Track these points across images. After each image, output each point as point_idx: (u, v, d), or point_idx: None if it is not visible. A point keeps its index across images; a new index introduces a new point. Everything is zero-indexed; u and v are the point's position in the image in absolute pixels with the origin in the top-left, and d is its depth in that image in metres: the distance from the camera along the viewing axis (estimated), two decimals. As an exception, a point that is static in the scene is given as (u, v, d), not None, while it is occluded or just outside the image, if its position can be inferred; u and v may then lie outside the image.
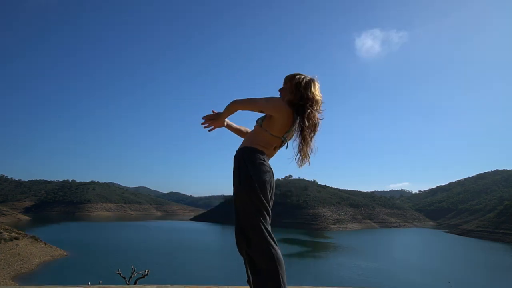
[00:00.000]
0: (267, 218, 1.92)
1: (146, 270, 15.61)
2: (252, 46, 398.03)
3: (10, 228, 49.18)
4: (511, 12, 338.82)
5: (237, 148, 2.08)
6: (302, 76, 1.98)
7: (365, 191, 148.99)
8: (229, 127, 2.28)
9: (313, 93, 1.94)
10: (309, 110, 1.92)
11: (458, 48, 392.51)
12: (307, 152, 1.99)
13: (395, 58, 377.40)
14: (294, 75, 2.00)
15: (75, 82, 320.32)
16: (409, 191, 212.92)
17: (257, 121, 2.03)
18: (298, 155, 2.00)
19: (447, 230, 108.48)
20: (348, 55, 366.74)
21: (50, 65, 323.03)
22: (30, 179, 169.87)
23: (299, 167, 2.05)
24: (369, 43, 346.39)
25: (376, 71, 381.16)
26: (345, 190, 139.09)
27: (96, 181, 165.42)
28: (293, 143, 2.03)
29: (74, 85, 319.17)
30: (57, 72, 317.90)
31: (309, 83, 1.95)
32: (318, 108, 1.97)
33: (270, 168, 1.98)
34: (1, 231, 43.77)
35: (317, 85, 1.98)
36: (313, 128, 1.95)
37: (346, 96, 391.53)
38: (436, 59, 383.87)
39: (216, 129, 2.22)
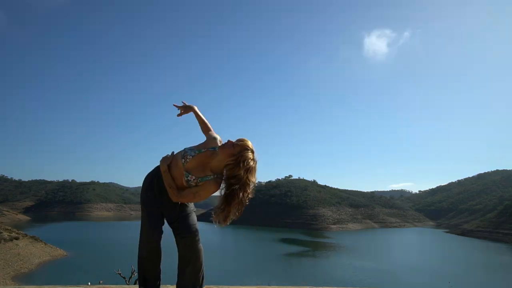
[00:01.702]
0: None
1: (146, 270, 15.55)
2: (258, 45, 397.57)
3: (10, 228, 49.18)
4: None
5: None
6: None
7: (365, 191, 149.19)
8: (197, 115, 2.49)
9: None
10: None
11: (458, 48, 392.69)
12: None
13: (397, 57, 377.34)
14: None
15: (75, 82, 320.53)
16: (409, 191, 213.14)
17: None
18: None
19: (447, 230, 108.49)
20: (355, 53, 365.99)
21: (51, 65, 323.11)
22: (30, 179, 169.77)
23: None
24: (375, 43, 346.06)
25: (379, 71, 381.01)
26: (345, 190, 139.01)
27: (96, 181, 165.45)
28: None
29: (74, 86, 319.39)
30: (57, 72, 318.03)
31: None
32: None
33: None
34: (1, 231, 43.75)
35: None
36: None
37: (347, 95, 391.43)
38: (437, 60, 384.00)
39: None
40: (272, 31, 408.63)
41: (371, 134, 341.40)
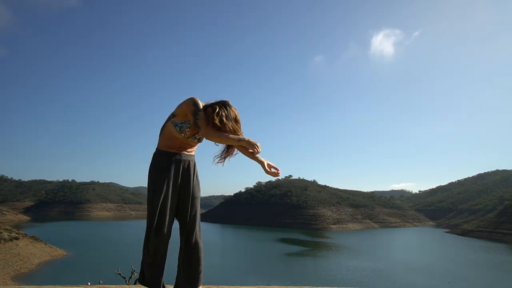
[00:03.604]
0: None
1: (146, 270, 15.50)
2: (261, 47, 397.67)
3: (10, 228, 49.20)
4: None
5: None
6: None
7: (365, 191, 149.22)
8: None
9: None
10: None
11: (459, 49, 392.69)
12: None
13: (401, 58, 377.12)
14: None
15: (75, 82, 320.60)
16: (409, 191, 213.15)
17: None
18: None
19: (447, 230, 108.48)
20: (360, 53, 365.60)
21: (51, 65, 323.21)
22: (30, 179, 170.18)
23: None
24: (381, 42, 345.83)
25: (382, 71, 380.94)
26: (345, 190, 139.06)
27: (96, 181, 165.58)
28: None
29: (74, 85, 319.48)
30: (58, 72, 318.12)
31: None
32: None
33: None
34: (1, 231, 43.77)
35: None
36: None
37: (349, 95, 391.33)
38: (438, 61, 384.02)
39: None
40: (276, 32, 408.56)
41: (371, 134, 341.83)
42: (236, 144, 2.11)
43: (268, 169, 2.17)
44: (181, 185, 2.25)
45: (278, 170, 2.21)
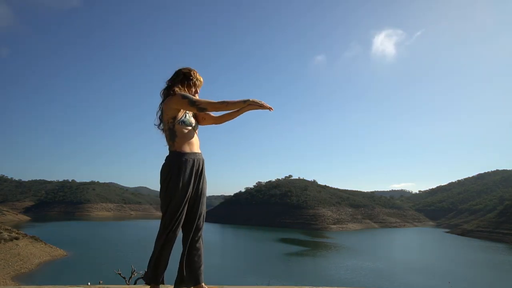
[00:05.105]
0: None
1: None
2: (262, 46, 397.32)
3: (10, 228, 49.18)
4: None
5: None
6: None
7: (365, 191, 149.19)
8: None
9: None
10: None
11: (459, 49, 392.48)
12: None
13: (401, 58, 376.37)
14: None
15: (75, 82, 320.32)
16: (409, 191, 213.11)
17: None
18: None
19: (447, 230, 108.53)
20: (361, 53, 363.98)
21: (51, 65, 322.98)
22: (30, 179, 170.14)
23: None
24: (382, 42, 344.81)
25: (383, 71, 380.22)
26: (345, 190, 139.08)
27: (96, 181, 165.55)
28: None
29: (74, 85, 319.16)
30: (58, 72, 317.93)
31: None
32: None
33: None
34: (1, 231, 43.75)
35: None
36: None
37: (349, 95, 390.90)
38: (438, 61, 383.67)
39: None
40: (276, 32, 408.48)
41: (371, 134, 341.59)
42: (243, 106, 2.20)
43: (267, 107, 2.22)
44: (197, 184, 2.32)
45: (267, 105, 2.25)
